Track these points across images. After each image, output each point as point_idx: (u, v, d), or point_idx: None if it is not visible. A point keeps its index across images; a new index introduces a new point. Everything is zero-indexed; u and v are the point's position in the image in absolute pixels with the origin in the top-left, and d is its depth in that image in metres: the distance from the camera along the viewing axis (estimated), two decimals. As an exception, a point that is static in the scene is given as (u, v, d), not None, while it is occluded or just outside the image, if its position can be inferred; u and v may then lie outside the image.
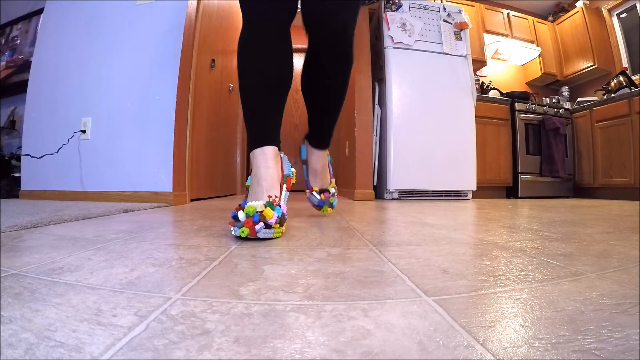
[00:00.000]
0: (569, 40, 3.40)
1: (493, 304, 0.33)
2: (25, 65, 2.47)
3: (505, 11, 3.41)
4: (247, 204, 0.66)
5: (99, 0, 1.83)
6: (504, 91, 3.21)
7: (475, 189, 2.47)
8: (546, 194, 2.92)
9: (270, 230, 0.65)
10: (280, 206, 0.69)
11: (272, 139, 0.78)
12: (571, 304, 0.32)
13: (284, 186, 0.76)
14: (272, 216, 0.64)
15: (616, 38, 3.15)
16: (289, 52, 0.82)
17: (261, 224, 0.63)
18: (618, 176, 2.65)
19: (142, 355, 0.23)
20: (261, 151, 0.75)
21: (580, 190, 3.06)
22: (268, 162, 0.75)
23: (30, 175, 1.86)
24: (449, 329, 0.27)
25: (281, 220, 0.67)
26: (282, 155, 0.81)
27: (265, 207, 0.65)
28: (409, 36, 2.40)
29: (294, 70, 0.85)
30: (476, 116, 2.48)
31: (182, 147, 1.72)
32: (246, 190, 0.77)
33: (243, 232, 0.63)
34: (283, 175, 0.77)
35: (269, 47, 0.78)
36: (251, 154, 0.77)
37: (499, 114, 2.88)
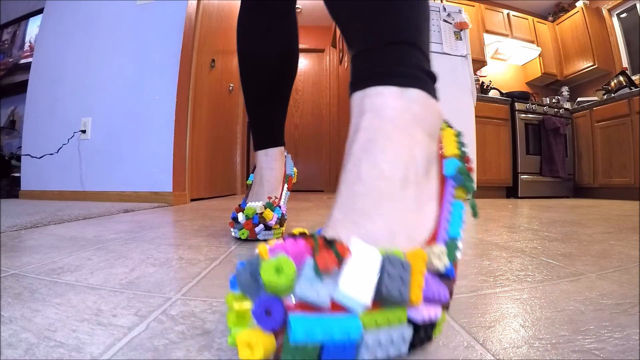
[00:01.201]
0: (569, 40, 3.39)
1: (493, 304, 0.33)
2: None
3: (505, 11, 3.41)
4: (247, 205, 0.65)
5: (99, 0, 1.84)
6: (504, 91, 3.21)
7: (475, 188, 2.47)
8: (546, 194, 2.92)
9: (270, 232, 0.65)
10: (280, 207, 0.68)
11: (275, 139, 0.76)
12: (571, 304, 0.32)
13: (285, 186, 0.76)
14: (272, 217, 0.63)
15: (616, 38, 3.15)
16: (292, 34, 0.73)
17: (261, 225, 0.63)
18: (618, 176, 2.65)
19: (142, 355, 0.23)
20: (265, 153, 0.74)
21: (580, 190, 3.06)
22: (272, 163, 0.74)
23: (30, 175, 1.86)
24: (449, 329, 0.27)
25: (281, 221, 0.67)
26: (286, 154, 0.80)
27: (265, 208, 0.64)
28: (409, 36, 2.40)
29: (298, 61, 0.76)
30: (476, 116, 2.48)
31: (182, 147, 1.72)
32: (247, 188, 0.77)
33: (243, 234, 0.63)
34: (285, 175, 0.77)
35: (269, 29, 0.69)
36: (255, 153, 0.77)
37: (499, 114, 2.88)
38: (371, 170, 0.27)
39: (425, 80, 0.31)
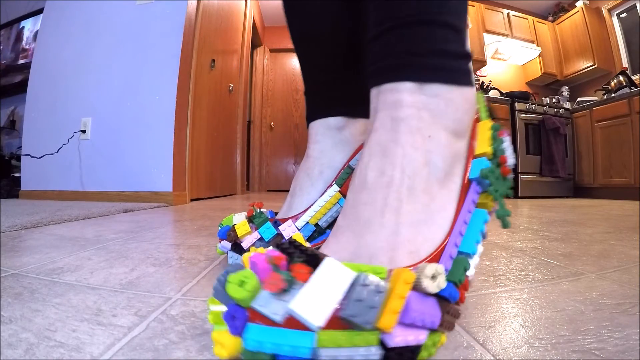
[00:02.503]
0: (569, 40, 3.40)
1: (493, 304, 0.33)
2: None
3: (505, 11, 3.41)
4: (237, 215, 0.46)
5: (99, 0, 1.84)
6: (504, 91, 3.22)
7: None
8: (546, 194, 2.92)
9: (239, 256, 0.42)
10: (279, 227, 0.42)
11: (324, 106, 0.47)
12: (571, 304, 0.32)
13: (332, 189, 0.43)
14: (244, 233, 0.41)
15: (616, 38, 3.15)
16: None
17: (225, 243, 0.43)
18: (618, 176, 2.65)
19: (142, 355, 0.23)
20: (308, 130, 0.49)
21: (580, 190, 3.06)
22: (310, 147, 0.47)
23: (30, 175, 1.86)
24: (449, 329, 0.27)
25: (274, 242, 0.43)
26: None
27: (247, 220, 0.45)
28: (409, 36, 2.40)
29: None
30: (476, 116, 2.48)
31: (182, 147, 1.72)
32: None
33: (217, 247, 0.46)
34: (343, 168, 0.45)
35: None
36: None
37: (499, 114, 2.88)
38: (378, 177, 0.25)
39: (451, 69, 0.27)
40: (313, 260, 0.20)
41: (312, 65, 0.50)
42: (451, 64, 0.27)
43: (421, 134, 0.25)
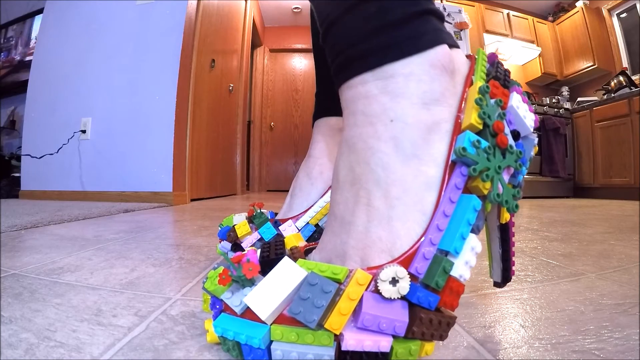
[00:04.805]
0: (569, 40, 3.39)
1: (493, 304, 0.33)
2: (20, 66, 2.48)
3: (505, 11, 3.41)
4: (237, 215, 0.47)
5: (99, 0, 1.84)
6: (504, 91, 3.21)
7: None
8: (546, 194, 2.92)
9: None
10: (276, 224, 0.43)
11: (329, 105, 0.49)
12: (571, 304, 0.32)
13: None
14: (244, 234, 0.42)
15: (616, 38, 3.15)
16: None
17: (225, 244, 0.44)
18: (618, 176, 2.65)
19: (142, 355, 0.23)
20: (313, 129, 0.51)
21: (580, 190, 3.06)
22: (311, 146, 0.49)
23: (30, 175, 1.86)
24: (449, 329, 0.27)
25: (268, 247, 0.42)
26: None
27: (246, 220, 0.45)
28: (409, 36, 2.40)
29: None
30: (476, 116, 2.48)
31: (182, 147, 1.72)
32: None
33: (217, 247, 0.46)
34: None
35: None
36: None
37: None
38: (347, 174, 0.24)
39: (398, 40, 0.23)
40: (278, 260, 0.22)
41: (323, 66, 0.51)
42: (397, 34, 0.23)
43: (382, 120, 0.23)
